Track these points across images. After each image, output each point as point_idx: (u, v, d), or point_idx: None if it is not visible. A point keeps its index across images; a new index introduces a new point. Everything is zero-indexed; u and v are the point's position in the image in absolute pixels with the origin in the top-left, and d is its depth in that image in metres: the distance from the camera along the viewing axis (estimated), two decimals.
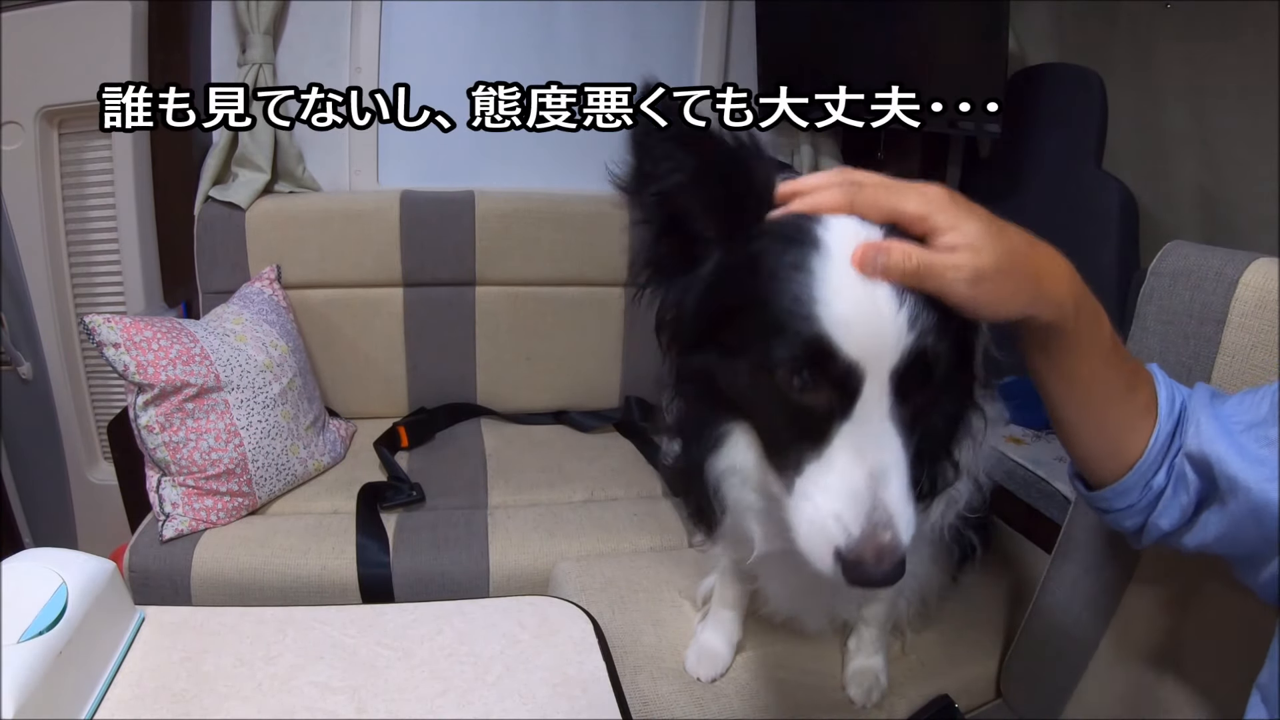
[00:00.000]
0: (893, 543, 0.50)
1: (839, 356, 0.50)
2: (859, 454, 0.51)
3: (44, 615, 0.55)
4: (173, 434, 1.28)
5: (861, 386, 0.51)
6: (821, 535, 0.51)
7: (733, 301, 0.55)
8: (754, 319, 0.54)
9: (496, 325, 1.76)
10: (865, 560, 0.50)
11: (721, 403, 0.60)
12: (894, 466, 0.52)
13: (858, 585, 0.51)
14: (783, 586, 0.83)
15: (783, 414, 0.54)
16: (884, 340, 0.50)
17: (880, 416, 0.52)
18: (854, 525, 0.50)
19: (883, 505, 0.50)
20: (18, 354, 1.63)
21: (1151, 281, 0.81)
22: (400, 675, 0.65)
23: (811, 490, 0.53)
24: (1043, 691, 0.94)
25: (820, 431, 0.52)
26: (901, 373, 0.51)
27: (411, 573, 1.28)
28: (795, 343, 0.51)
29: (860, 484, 0.51)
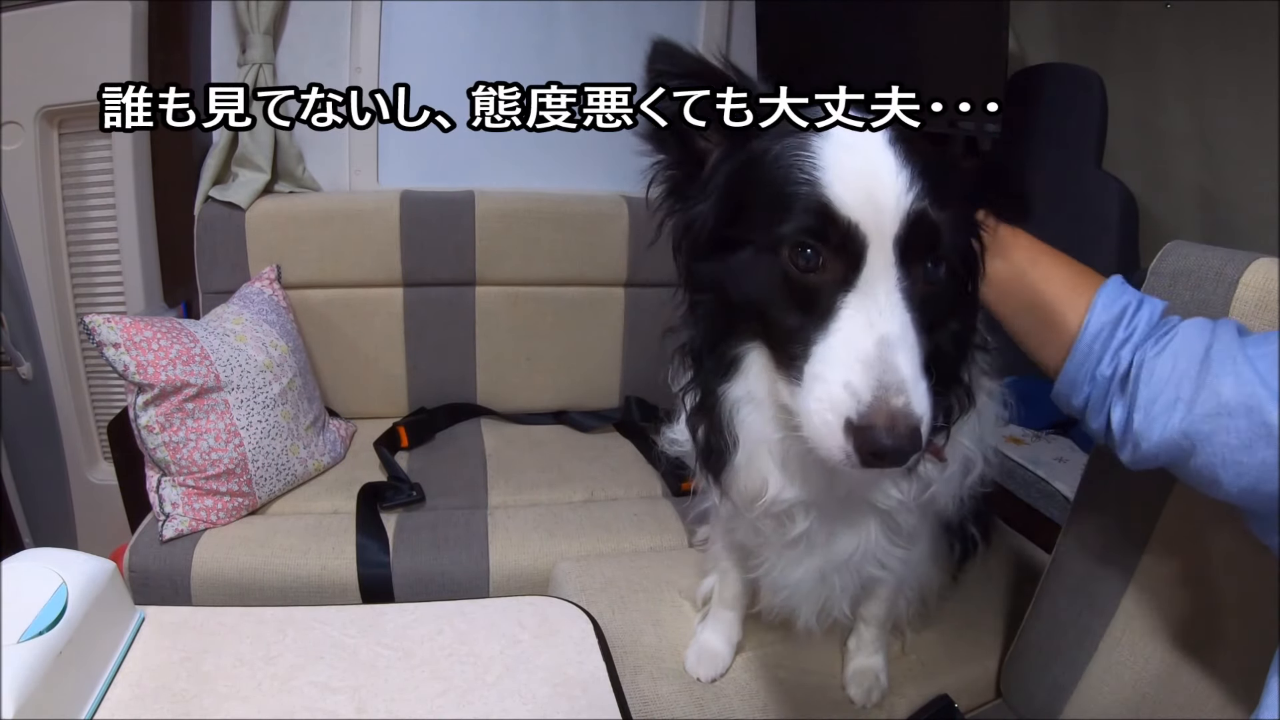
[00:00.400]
0: (906, 409, 0.48)
1: (839, 219, 0.50)
2: (867, 322, 0.50)
3: (44, 615, 0.55)
4: (173, 434, 1.28)
5: (865, 253, 0.50)
6: (831, 409, 0.50)
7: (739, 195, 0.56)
8: (759, 205, 0.54)
9: (496, 325, 1.76)
10: (877, 425, 0.47)
11: (735, 319, 0.59)
12: (903, 337, 0.50)
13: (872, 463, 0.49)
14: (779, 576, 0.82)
15: (790, 296, 0.53)
16: (885, 201, 0.50)
17: (887, 288, 0.51)
18: (865, 391, 0.48)
19: (893, 369, 0.48)
20: (18, 354, 1.63)
21: (1151, 281, 0.81)
22: (400, 675, 0.65)
23: (821, 368, 0.51)
24: (1043, 691, 0.94)
25: (827, 308, 0.51)
26: (905, 239, 0.51)
27: (411, 573, 1.28)
28: (798, 212, 0.51)
29: (869, 349, 0.49)
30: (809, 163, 0.52)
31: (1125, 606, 0.85)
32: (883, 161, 0.51)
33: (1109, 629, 0.86)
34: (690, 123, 0.60)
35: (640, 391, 1.85)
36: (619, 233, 1.76)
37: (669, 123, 0.60)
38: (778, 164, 0.54)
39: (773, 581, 0.84)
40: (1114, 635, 0.86)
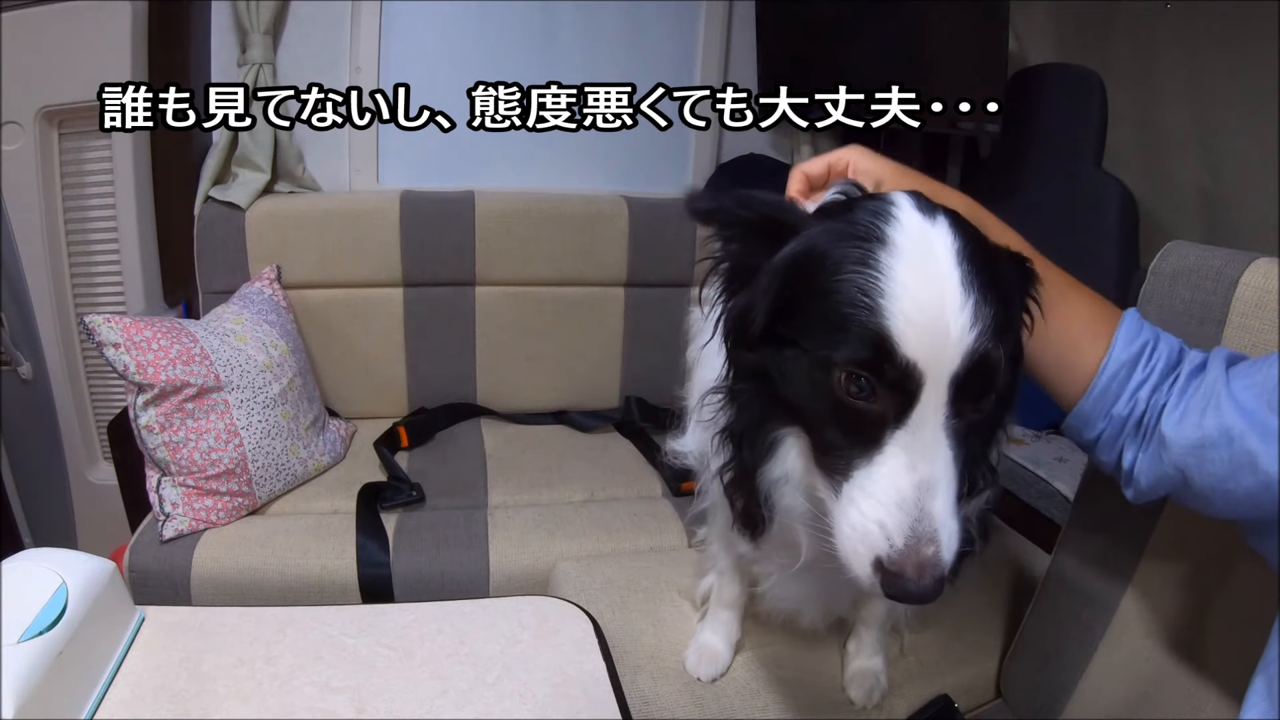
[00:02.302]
0: (935, 558, 0.49)
1: (898, 357, 0.49)
2: (910, 463, 0.50)
3: (44, 615, 0.55)
4: (173, 434, 1.28)
5: (920, 392, 0.50)
6: (864, 542, 0.51)
7: (794, 293, 0.55)
8: (815, 312, 0.53)
9: (496, 325, 1.76)
10: (906, 573, 0.49)
11: (776, 406, 0.59)
12: (944, 479, 0.50)
13: (895, 599, 0.50)
14: (782, 580, 0.83)
15: (836, 415, 0.53)
16: (947, 341, 0.49)
17: (935, 426, 0.51)
18: (898, 536, 0.49)
19: (929, 517, 0.49)
20: (18, 354, 1.63)
21: (1151, 281, 0.81)
22: (400, 675, 0.65)
23: (858, 495, 0.52)
24: (1043, 691, 0.94)
25: (872, 437, 0.51)
26: (961, 379, 0.50)
27: (411, 573, 1.28)
28: (855, 341, 0.50)
29: (908, 493, 0.50)
30: (872, 284, 0.49)
31: (1125, 606, 0.85)
32: (950, 291, 0.49)
33: (1109, 629, 0.86)
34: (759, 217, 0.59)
35: (640, 391, 1.85)
36: (619, 233, 1.76)
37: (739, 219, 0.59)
38: (838, 273, 0.51)
39: (779, 595, 0.85)
40: (1114, 635, 0.86)
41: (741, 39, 1.94)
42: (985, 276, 0.51)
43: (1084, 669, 0.88)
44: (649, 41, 1.88)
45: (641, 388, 1.85)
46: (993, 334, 0.50)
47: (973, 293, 0.49)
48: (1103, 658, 0.87)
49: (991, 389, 0.52)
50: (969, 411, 0.52)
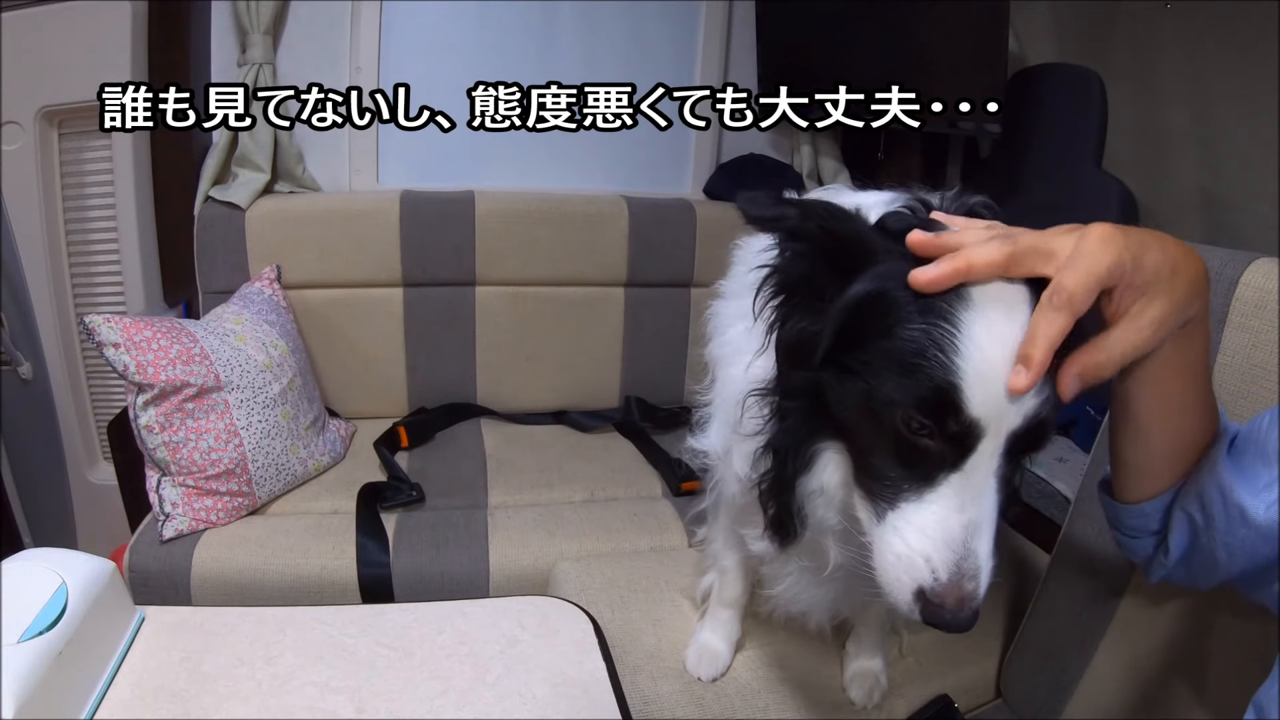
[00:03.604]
0: (974, 592, 0.52)
1: (964, 413, 0.50)
2: (960, 505, 0.52)
3: (44, 615, 0.55)
4: (173, 434, 1.28)
5: (979, 444, 0.51)
6: (908, 573, 0.53)
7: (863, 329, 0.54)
8: (884, 351, 0.53)
9: (496, 325, 1.76)
10: (947, 606, 0.52)
11: (822, 422, 0.60)
12: (989, 521, 0.53)
13: (932, 625, 0.53)
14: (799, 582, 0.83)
15: (890, 449, 0.54)
16: (1010, 403, 0.50)
17: (986, 473, 0.52)
18: (943, 571, 0.52)
19: (973, 556, 0.52)
20: (18, 354, 1.62)
21: None
22: (400, 675, 0.65)
23: (904, 528, 0.54)
24: (1043, 691, 0.94)
25: (926, 475, 0.53)
26: (1018, 436, 0.51)
27: (411, 573, 1.28)
28: (923, 388, 0.51)
29: (957, 534, 0.52)
30: (948, 340, 0.50)
31: (1125, 606, 0.85)
32: None
33: (1109, 629, 0.86)
34: None
35: (640, 391, 1.85)
36: (619, 233, 1.76)
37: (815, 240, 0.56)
38: (912, 321, 0.51)
39: (791, 597, 0.85)
40: (1114, 635, 0.86)
41: (741, 39, 1.94)
42: None
43: (1084, 669, 0.88)
44: (649, 41, 1.87)
45: (641, 388, 1.85)
46: (1053, 398, 0.51)
47: None
48: (1103, 658, 0.87)
49: (1042, 445, 0.54)
50: (1018, 461, 0.54)
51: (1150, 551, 0.66)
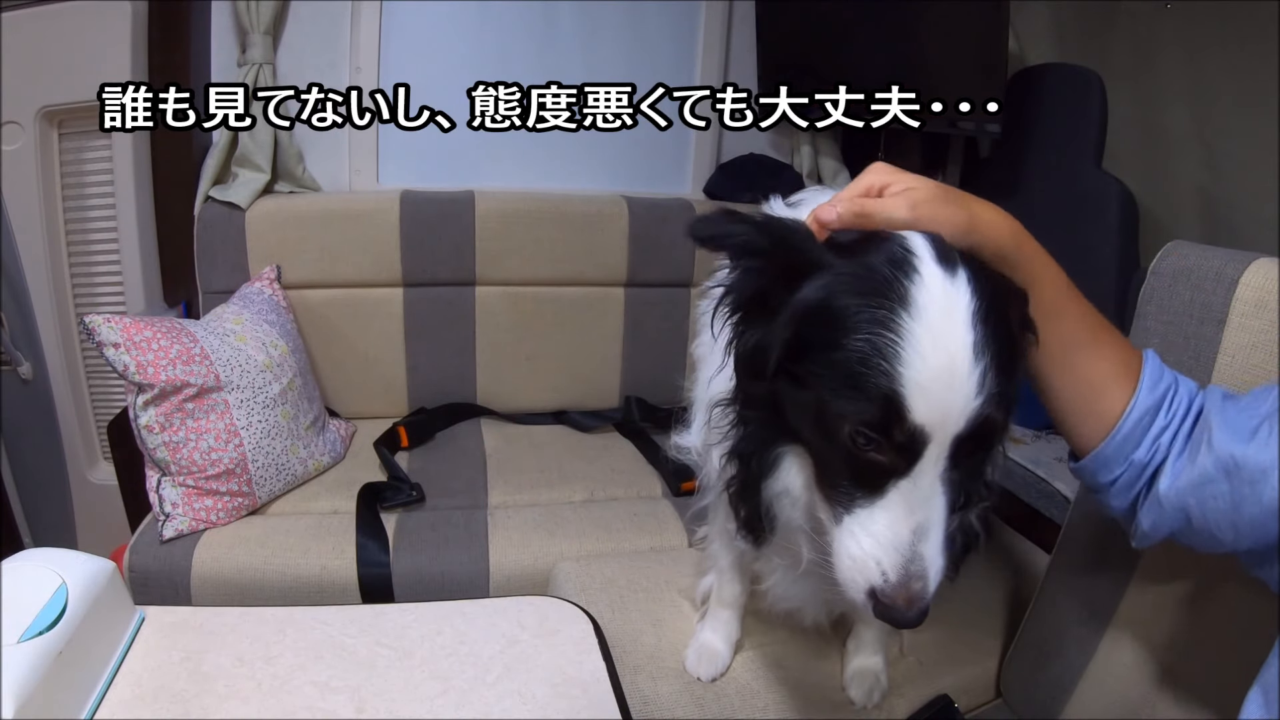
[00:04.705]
0: (922, 592, 0.55)
1: (908, 423, 0.52)
2: (908, 510, 0.55)
3: (44, 615, 0.55)
4: (173, 434, 1.28)
5: (924, 451, 0.54)
6: (861, 573, 0.56)
7: (812, 340, 0.56)
8: (830, 362, 0.54)
9: (496, 325, 1.76)
10: (896, 604, 0.55)
11: (781, 429, 0.62)
12: (936, 523, 0.56)
13: (884, 621, 0.56)
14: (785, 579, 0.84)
15: (842, 459, 0.56)
16: (955, 407, 0.52)
17: (933, 478, 0.55)
18: (892, 573, 0.55)
19: (920, 559, 0.55)
20: (18, 354, 1.63)
21: (1151, 281, 0.81)
22: (400, 675, 0.65)
23: (858, 531, 0.56)
24: (1043, 691, 0.94)
25: (876, 483, 0.55)
26: (963, 439, 0.54)
27: (411, 573, 1.28)
28: (867, 402, 0.52)
29: (905, 538, 0.55)
30: (889, 348, 0.51)
31: (1125, 606, 0.85)
32: (962, 359, 0.51)
33: (1109, 629, 0.86)
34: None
35: (640, 391, 1.85)
36: (619, 233, 1.76)
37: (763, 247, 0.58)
38: (856, 330, 0.53)
39: (781, 594, 0.86)
40: (1114, 635, 0.86)
41: (741, 39, 1.94)
42: (997, 340, 0.53)
43: (1084, 669, 0.88)
44: (649, 41, 1.88)
45: (641, 388, 1.85)
46: (997, 401, 0.53)
47: (984, 358, 0.52)
48: (1103, 658, 0.87)
49: (989, 447, 0.57)
50: (964, 464, 0.56)
51: (1126, 504, 0.67)
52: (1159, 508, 0.62)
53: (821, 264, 0.56)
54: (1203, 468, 0.59)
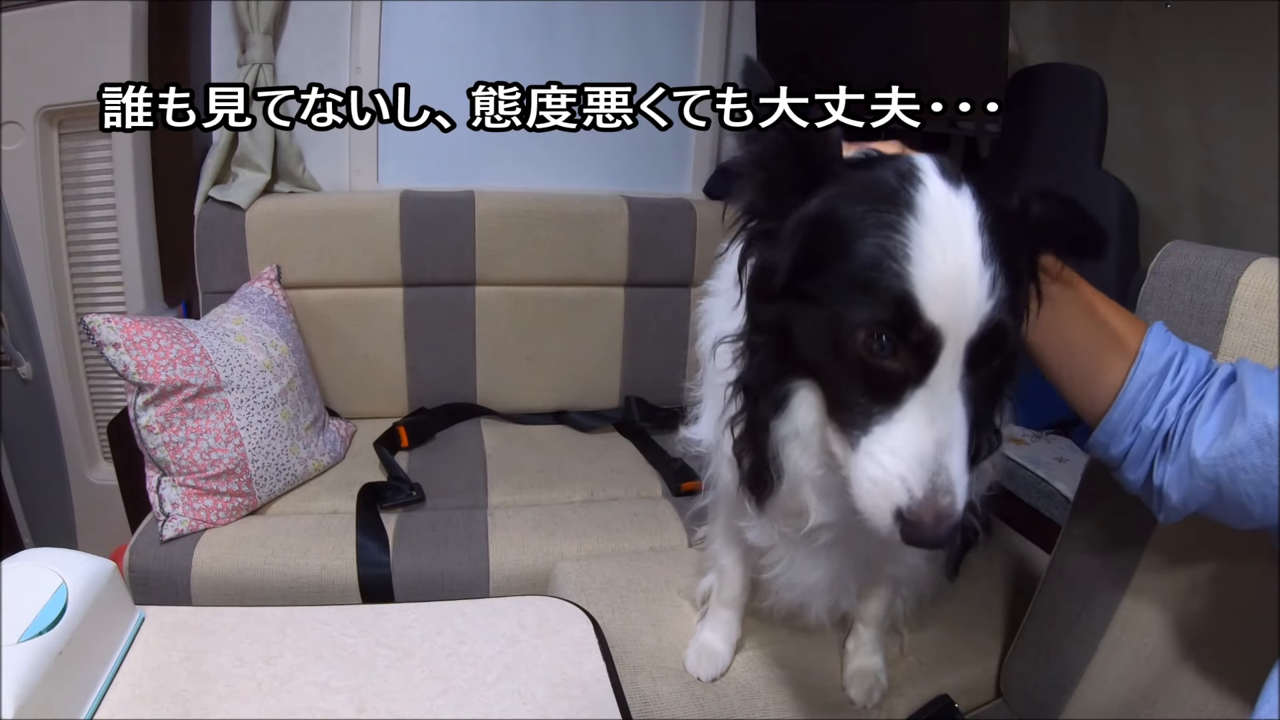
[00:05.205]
0: (951, 507, 0.52)
1: (923, 322, 0.51)
2: (929, 420, 0.53)
3: (44, 615, 0.55)
4: (173, 434, 1.28)
5: (940, 354, 0.52)
6: (885, 495, 0.53)
7: (820, 252, 0.56)
8: (840, 271, 0.54)
9: (496, 325, 1.76)
10: (924, 522, 0.52)
11: (791, 358, 0.61)
12: (958, 434, 0.53)
13: (912, 544, 0.53)
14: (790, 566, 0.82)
15: (856, 373, 0.55)
16: (968, 309, 0.52)
17: (951, 385, 0.53)
18: (918, 488, 0.52)
19: (946, 471, 0.52)
20: (18, 354, 1.63)
21: (1151, 281, 0.81)
22: (400, 675, 0.65)
23: (878, 450, 0.54)
24: (1043, 691, 0.94)
25: (892, 395, 0.54)
26: (977, 344, 0.52)
27: (411, 573, 1.28)
28: (881, 303, 0.52)
29: (928, 449, 0.53)
30: (899, 249, 0.51)
31: (1125, 606, 0.85)
32: (971, 262, 0.52)
33: (1109, 629, 0.86)
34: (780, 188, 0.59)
35: (640, 391, 1.85)
36: (619, 233, 1.76)
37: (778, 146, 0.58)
38: (865, 235, 0.53)
39: (786, 581, 0.84)
40: (1114, 635, 0.86)
41: (741, 39, 1.94)
42: (1003, 248, 0.53)
43: (1084, 669, 0.88)
44: (649, 41, 1.87)
45: (641, 388, 1.85)
46: (1008, 304, 0.53)
47: (992, 264, 0.52)
48: (1103, 658, 0.87)
49: (1002, 353, 0.55)
50: (981, 372, 0.54)
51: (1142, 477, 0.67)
52: (1189, 476, 0.61)
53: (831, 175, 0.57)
54: (1235, 438, 0.58)
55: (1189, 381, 0.64)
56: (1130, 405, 0.65)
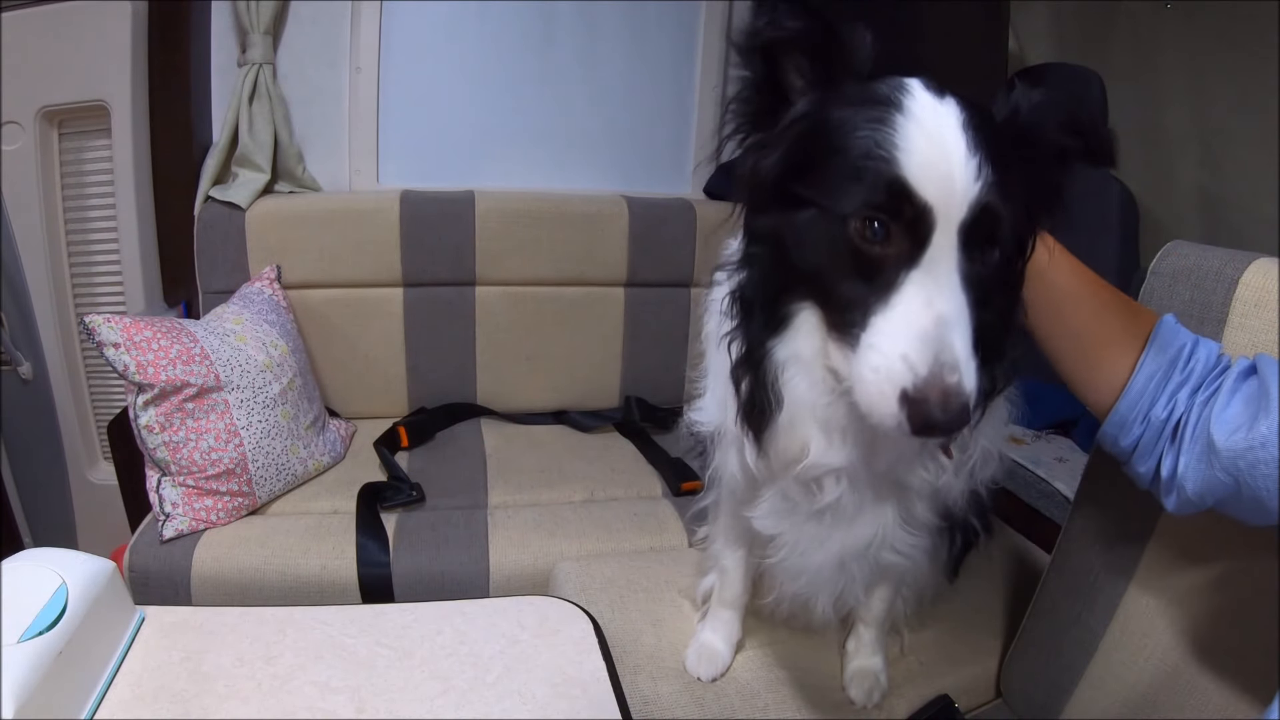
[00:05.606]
0: (958, 386, 0.50)
1: (913, 199, 0.52)
2: (927, 301, 0.52)
3: (44, 615, 0.55)
4: (173, 434, 1.28)
5: (932, 234, 0.53)
6: (888, 379, 0.52)
7: (811, 153, 0.57)
8: (830, 169, 0.55)
9: (496, 325, 1.76)
10: (930, 400, 0.50)
11: (789, 278, 0.60)
12: (959, 317, 0.53)
13: (922, 432, 0.51)
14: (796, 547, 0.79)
15: (852, 265, 0.55)
16: (955, 188, 0.52)
17: (948, 268, 0.53)
18: (921, 365, 0.51)
19: (949, 348, 0.51)
20: (18, 354, 1.63)
21: (1151, 281, 0.81)
22: (400, 675, 0.65)
23: (877, 339, 0.53)
24: (1043, 691, 0.94)
25: (889, 280, 0.53)
26: (969, 227, 0.53)
27: (411, 573, 1.28)
28: (872, 188, 0.53)
29: (928, 327, 0.52)
30: (888, 139, 0.53)
31: (1125, 606, 0.85)
32: (957, 150, 0.53)
33: (1109, 629, 0.86)
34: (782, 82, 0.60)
35: (640, 391, 1.85)
36: (619, 233, 1.76)
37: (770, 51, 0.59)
38: (856, 133, 0.54)
39: (791, 566, 0.81)
40: (1114, 635, 0.86)
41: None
42: (988, 145, 0.54)
43: (1084, 669, 0.88)
44: (649, 41, 1.87)
45: (641, 388, 1.85)
46: (995, 189, 0.53)
47: (977, 154, 0.53)
48: (1103, 658, 0.87)
49: (996, 238, 0.55)
50: (977, 260, 0.54)
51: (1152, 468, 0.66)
52: (1207, 467, 0.61)
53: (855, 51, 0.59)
54: (1259, 431, 0.57)
55: (1199, 372, 0.64)
56: (1139, 395, 0.65)
